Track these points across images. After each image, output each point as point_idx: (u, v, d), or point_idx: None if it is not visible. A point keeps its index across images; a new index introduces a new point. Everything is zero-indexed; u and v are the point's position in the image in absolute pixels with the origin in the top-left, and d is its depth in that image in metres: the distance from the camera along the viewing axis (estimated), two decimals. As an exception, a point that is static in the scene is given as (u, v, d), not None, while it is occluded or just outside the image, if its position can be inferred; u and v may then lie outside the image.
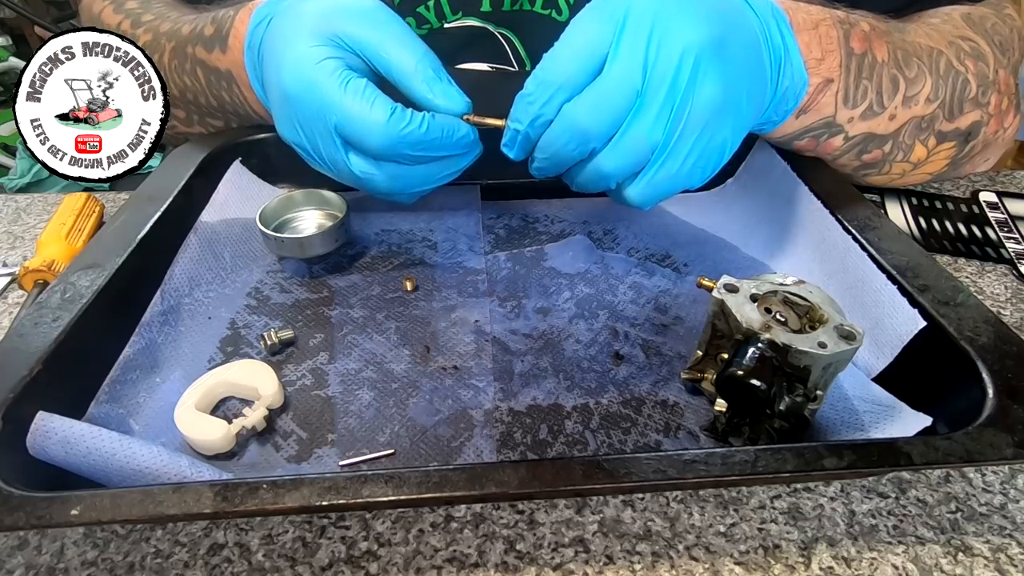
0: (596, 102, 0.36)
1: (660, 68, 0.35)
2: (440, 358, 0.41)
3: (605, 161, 0.37)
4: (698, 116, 0.35)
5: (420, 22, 0.64)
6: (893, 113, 0.48)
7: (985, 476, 0.36)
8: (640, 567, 0.31)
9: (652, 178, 0.37)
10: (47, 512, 0.26)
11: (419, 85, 0.41)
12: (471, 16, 0.63)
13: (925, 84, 0.48)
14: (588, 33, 0.36)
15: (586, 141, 0.37)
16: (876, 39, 0.47)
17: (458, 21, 0.63)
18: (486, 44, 0.64)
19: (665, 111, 0.35)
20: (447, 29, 0.64)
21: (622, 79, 0.35)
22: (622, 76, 0.35)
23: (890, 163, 0.52)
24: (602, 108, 0.35)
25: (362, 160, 0.42)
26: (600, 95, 0.36)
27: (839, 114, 0.47)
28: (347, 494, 0.27)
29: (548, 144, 0.38)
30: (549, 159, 0.38)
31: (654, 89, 0.35)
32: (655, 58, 0.35)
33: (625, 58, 0.35)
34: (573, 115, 0.36)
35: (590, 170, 0.38)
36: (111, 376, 0.36)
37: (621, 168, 0.37)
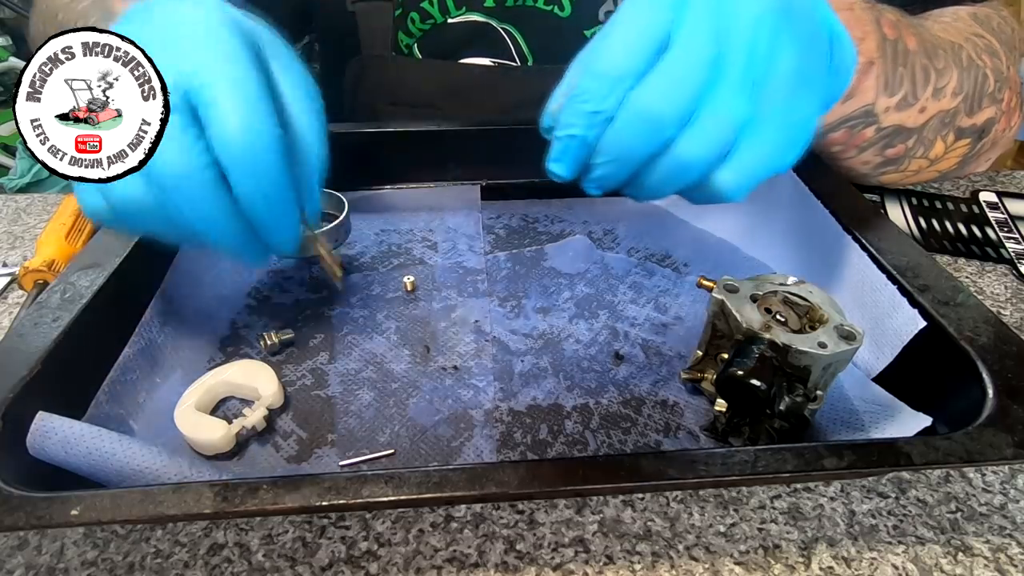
0: (669, 80, 0.30)
1: (735, 34, 0.30)
2: (440, 358, 0.41)
3: (686, 148, 0.31)
4: (781, 85, 0.30)
5: (424, 17, 0.64)
6: (924, 105, 0.47)
7: (985, 476, 0.36)
8: (640, 567, 0.31)
9: (743, 161, 0.31)
10: (47, 512, 0.26)
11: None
12: (474, 11, 0.63)
13: (952, 77, 0.48)
14: (643, 12, 0.31)
15: (660, 129, 0.30)
16: (904, 28, 0.47)
17: (461, 16, 0.63)
18: (489, 39, 0.64)
19: (747, 80, 0.30)
20: (450, 24, 0.64)
21: (694, 50, 0.30)
22: (694, 47, 0.30)
23: (910, 159, 0.52)
24: (676, 86, 0.30)
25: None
26: (672, 72, 0.30)
27: (878, 102, 0.46)
28: (347, 494, 0.27)
29: (613, 143, 0.31)
30: (615, 161, 0.32)
31: (732, 56, 0.30)
32: (727, 25, 0.30)
33: (693, 28, 0.30)
34: (643, 101, 0.30)
35: (667, 164, 0.31)
36: (111, 376, 0.36)
37: (705, 153, 0.31)
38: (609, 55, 0.30)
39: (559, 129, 0.32)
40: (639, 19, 0.30)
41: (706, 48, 0.30)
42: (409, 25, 0.65)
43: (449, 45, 0.65)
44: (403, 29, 0.65)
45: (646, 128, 0.30)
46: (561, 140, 0.32)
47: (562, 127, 0.32)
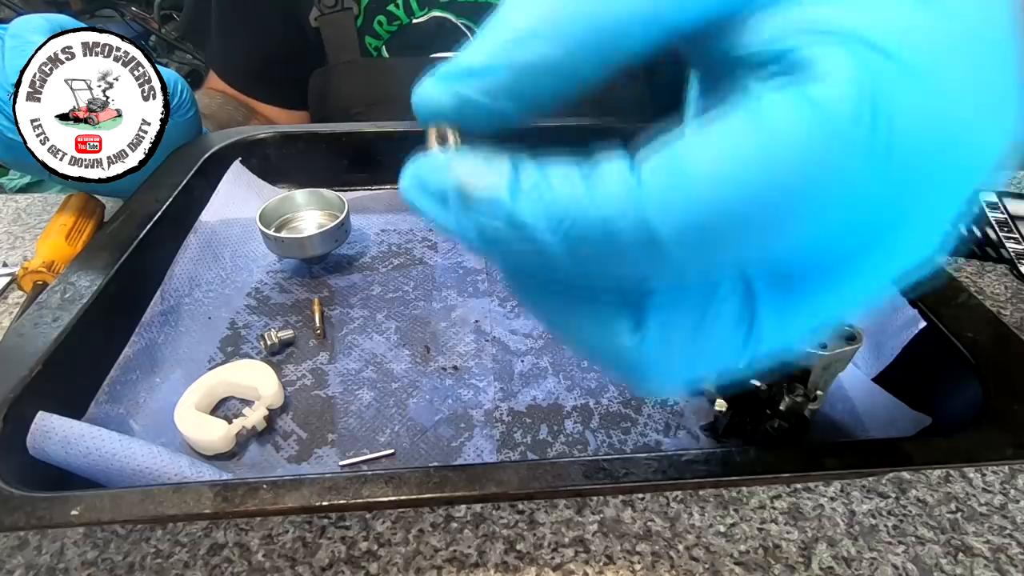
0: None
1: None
2: (440, 358, 0.41)
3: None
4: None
5: (391, 19, 0.66)
6: None
7: (985, 476, 0.36)
8: (640, 567, 0.31)
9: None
10: (47, 512, 0.26)
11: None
12: (436, 8, 0.66)
13: None
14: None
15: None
16: None
17: (425, 15, 0.66)
18: (451, 35, 0.67)
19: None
20: (415, 24, 0.66)
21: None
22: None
23: None
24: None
25: None
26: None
27: None
28: (347, 494, 0.27)
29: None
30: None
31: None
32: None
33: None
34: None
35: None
36: (111, 376, 0.36)
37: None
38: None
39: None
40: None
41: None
42: (376, 28, 0.66)
43: (416, 44, 0.68)
44: (369, 33, 0.67)
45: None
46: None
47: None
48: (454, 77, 0.17)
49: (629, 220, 0.14)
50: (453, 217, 0.16)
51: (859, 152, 0.14)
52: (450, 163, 0.16)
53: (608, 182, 0.14)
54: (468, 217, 0.16)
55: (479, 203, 0.15)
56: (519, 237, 0.15)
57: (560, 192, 0.15)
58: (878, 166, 0.14)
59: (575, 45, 0.16)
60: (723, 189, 0.14)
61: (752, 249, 0.15)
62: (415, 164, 0.17)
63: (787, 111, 0.14)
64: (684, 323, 0.16)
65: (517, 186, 0.15)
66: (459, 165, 0.16)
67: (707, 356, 0.16)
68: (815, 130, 0.14)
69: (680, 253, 0.14)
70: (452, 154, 0.16)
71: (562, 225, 0.15)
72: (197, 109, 0.54)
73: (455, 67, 0.17)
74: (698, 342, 0.16)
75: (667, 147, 0.14)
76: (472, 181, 0.16)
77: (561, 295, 0.17)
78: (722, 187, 0.14)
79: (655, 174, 0.14)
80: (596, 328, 0.17)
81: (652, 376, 0.17)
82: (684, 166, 0.14)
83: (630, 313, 0.16)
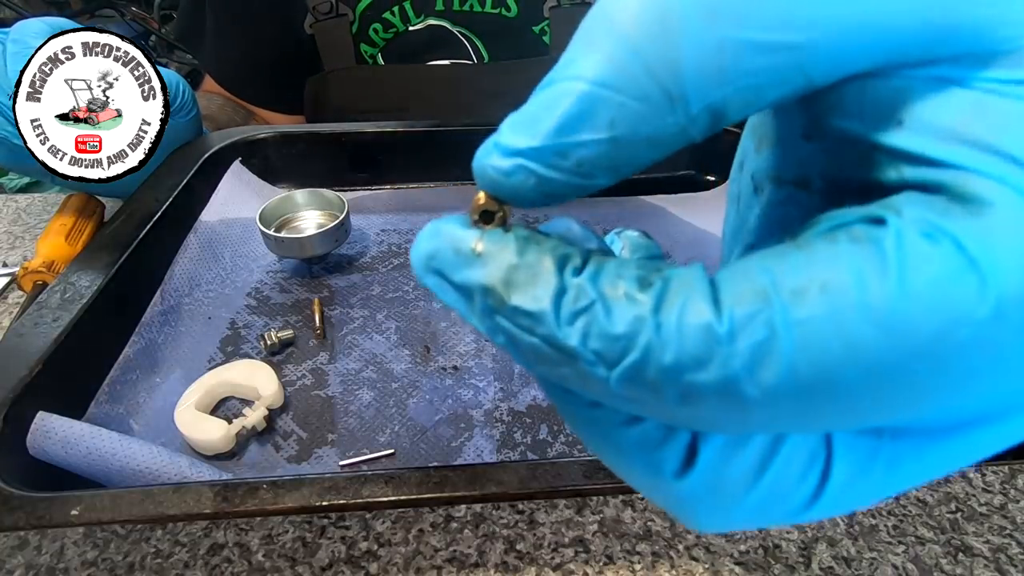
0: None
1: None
2: (440, 358, 0.41)
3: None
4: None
5: (387, 27, 0.66)
6: None
7: (985, 476, 0.36)
8: (640, 567, 0.31)
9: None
10: (47, 512, 0.26)
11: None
12: (432, 16, 0.66)
13: None
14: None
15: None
16: None
17: (421, 23, 0.66)
18: (447, 43, 0.67)
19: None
20: (411, 31, 0.67)
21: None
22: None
23: None
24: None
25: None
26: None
27: None
28: (347, 494, 0.27)
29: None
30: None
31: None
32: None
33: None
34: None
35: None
36: (111, 376, 0.36)
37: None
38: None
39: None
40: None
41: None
42: (372, 35, 0.67)
43: (412, 51, 0.68)
44: (365, 41, 0.67)
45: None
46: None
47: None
48: (538, 155, 0.12)
49: (710, 376, 0.11)
50: (478, 317, 0.13)
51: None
52: (479, 256, 0.12)
53: (687, 324, 0.11)
54: (498, 322, 0.12)
55: (514, 314, 0.12)
56: (562, 361, 0.12)
57: (621, 324, 0.11)
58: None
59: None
60: (837, 356, 0.11)
61: (852, 420, 0.12)
62: (431, 241, 0.13)
63: (939, 270, 0.10)
64: (743, 466, 0.13)
65: (564, 303, 0.12)
66: (490, 260, 0.12)
67: (765, 506, 0.13)
68: (975, 307, 0.10)
69: (765, 415, 0.11)
70: (483, 238, 0.13)
71: (620, 363, 0.11)
72: (198, 110, 0.54)
73: (536, 134, 0.12)
74: (757, 490, 0.13)
75: (764, 282, 0.11)
76: (506, 285, 0.12)
77: (599, 409, 0.14)
78: (836, 353, 0.11)
79: (750, 324, 0.11)
80: (637, 455, 0.14)
81: (698, 516, 0.14)
82: (790, 318, 0.11)
83: (680, 443, 0.13)
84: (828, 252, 0.11)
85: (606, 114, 0.11)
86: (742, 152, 0.18)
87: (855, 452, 0.13)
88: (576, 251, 0.12)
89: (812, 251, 0.11)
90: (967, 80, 0.11)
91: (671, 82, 0.11)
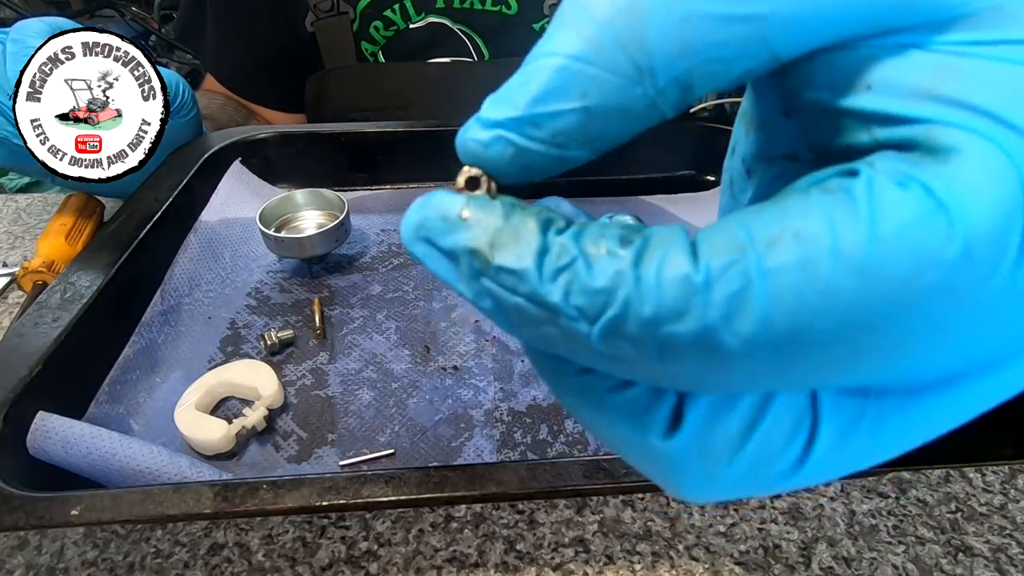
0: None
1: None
2: (440, 358, 0.41)
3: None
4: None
5: (387, 24, 0.67)
6: None
7: (985, 476, 0.36)
8: (640, 567, 0.31)
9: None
10: (47, 512, 0.26)
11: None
12: (432, 14, 0.66)
13: None
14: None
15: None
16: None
17: (422, 20, 0.66)
18: (448, 41, 0.67)
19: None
20: (412, 29, 0.67)
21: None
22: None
23: None
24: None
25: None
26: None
27: None
28: (347, 494, 0.27)
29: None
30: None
31: None
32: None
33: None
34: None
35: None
36: (111, 376, 0.36)
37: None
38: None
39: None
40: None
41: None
42: (373, 33, 0.66)
43: (413, 49, 0.68)
44: (366, 39, 0.67)
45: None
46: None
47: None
48: (515, 125, 0.13)
49: (688, 327, 0.11)
50: (465, 281, 0.13)
51: (996, 284, 0.11)
52: (465, 220, 0.13)
53: (665, 276, 0.11)
54: (483, 285, 0.13)
55: (498, 273, 0.12)
56: (545, 319, 0.12)
57: (601, 278, 0.12)
58: (1018, 302, 0.11)
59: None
60: (811, 303, 0.11)
61: (832, 373, 0.12)
62: (420, 211, 0.13)
63: (908, 214, 0.11)
64: (730, 429, 0.13)
65: (547, 260, 0.12)
66: (476, 224, 0.13)
67: (752, 470, 0.13)
68: (943, 248, 0.10)
69: (745, 368, 0.12)
70: (468, 204, 0.13)
71: (601, 317, 0.12)
72: (198, 110, 0.54)
73: (514, 106, 0.13)
74: (744, 453, 0.13)
75: (740, 235, 0.11)
76: (491, 247, 0.12)
77: (587, 375, 0.14)
78: (810, 301, 0.11)
79: (726, 274, 0.11)
80: (625, 420, 0.14)
81: (685, 483, 0.14)
82: (764, 266, 0.11)
83: (667, 406, 0.13)
84: (802, 204, 0.11)
85: (579, 86, 0.12)
86: (735, 139, 0.18)
87: (841, 413, 0.13)
88: (560, 216, 0.13)
89: (786, 204, 0.11)
90: (928, 44, 0.12)
91: (639, 54, 0.12)
